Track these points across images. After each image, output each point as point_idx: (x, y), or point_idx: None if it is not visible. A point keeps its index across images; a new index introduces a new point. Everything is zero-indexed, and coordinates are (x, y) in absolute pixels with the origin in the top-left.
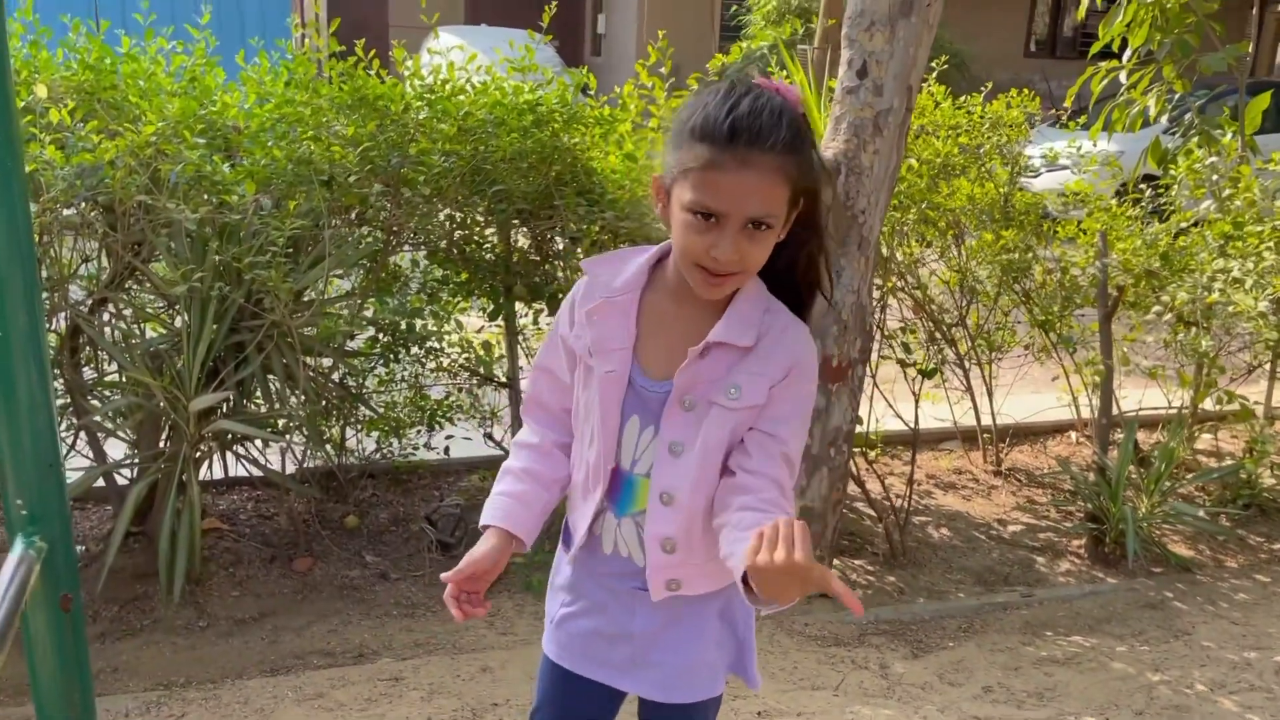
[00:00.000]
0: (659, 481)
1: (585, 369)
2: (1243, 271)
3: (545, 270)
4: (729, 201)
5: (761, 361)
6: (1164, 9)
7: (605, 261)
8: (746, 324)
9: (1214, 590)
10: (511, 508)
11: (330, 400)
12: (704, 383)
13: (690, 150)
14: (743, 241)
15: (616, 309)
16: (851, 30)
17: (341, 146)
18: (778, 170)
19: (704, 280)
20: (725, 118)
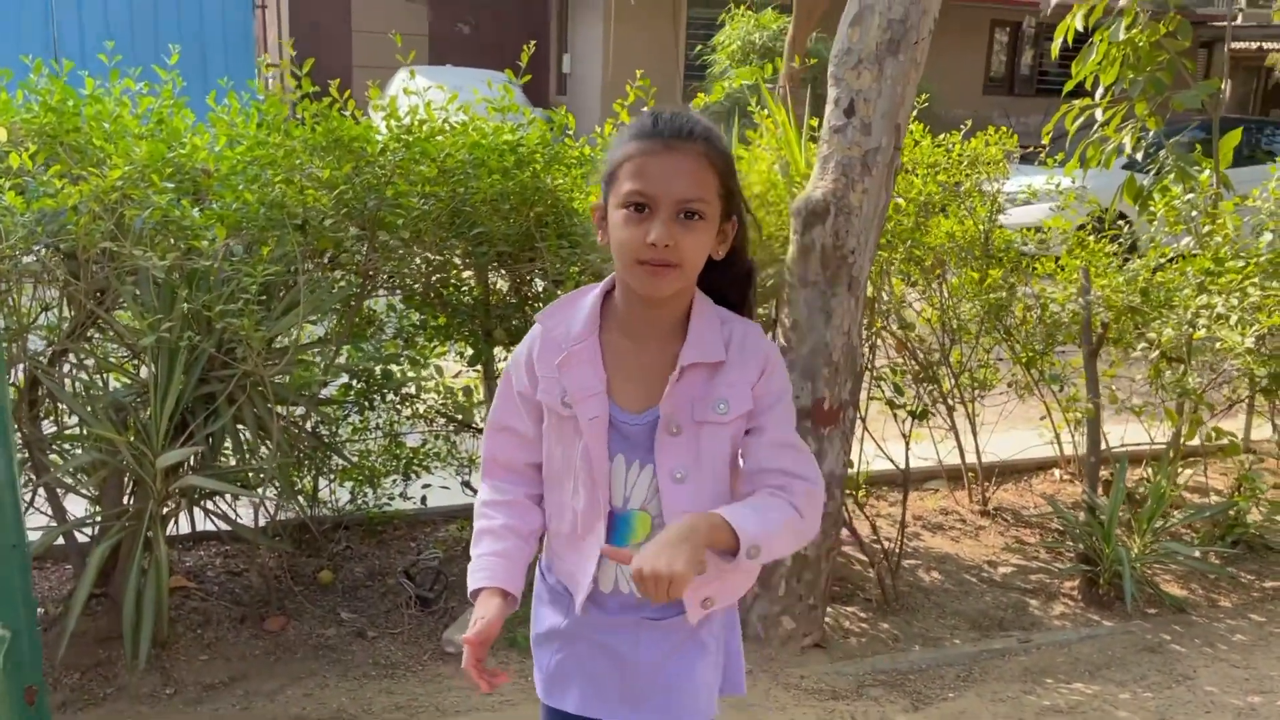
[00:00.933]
0: (674, 508)
1: (558, 420)
2: (1227, 307)
3: (525, 313)
4: (658, 183)
5: (737, 370)
6: (1136, 47)
7: (557, 311)
8: (711, 340)
9: (1211, 631)
10: (502, 567)
11: (303, 450)
12: (687, 404)
13: (621, 150)
14: (676, 229)
15: (582, 356)
16: (838, 69)
17: (315, 189)
18: (703, 156)
19: (645, 276)
20: (650, 116)
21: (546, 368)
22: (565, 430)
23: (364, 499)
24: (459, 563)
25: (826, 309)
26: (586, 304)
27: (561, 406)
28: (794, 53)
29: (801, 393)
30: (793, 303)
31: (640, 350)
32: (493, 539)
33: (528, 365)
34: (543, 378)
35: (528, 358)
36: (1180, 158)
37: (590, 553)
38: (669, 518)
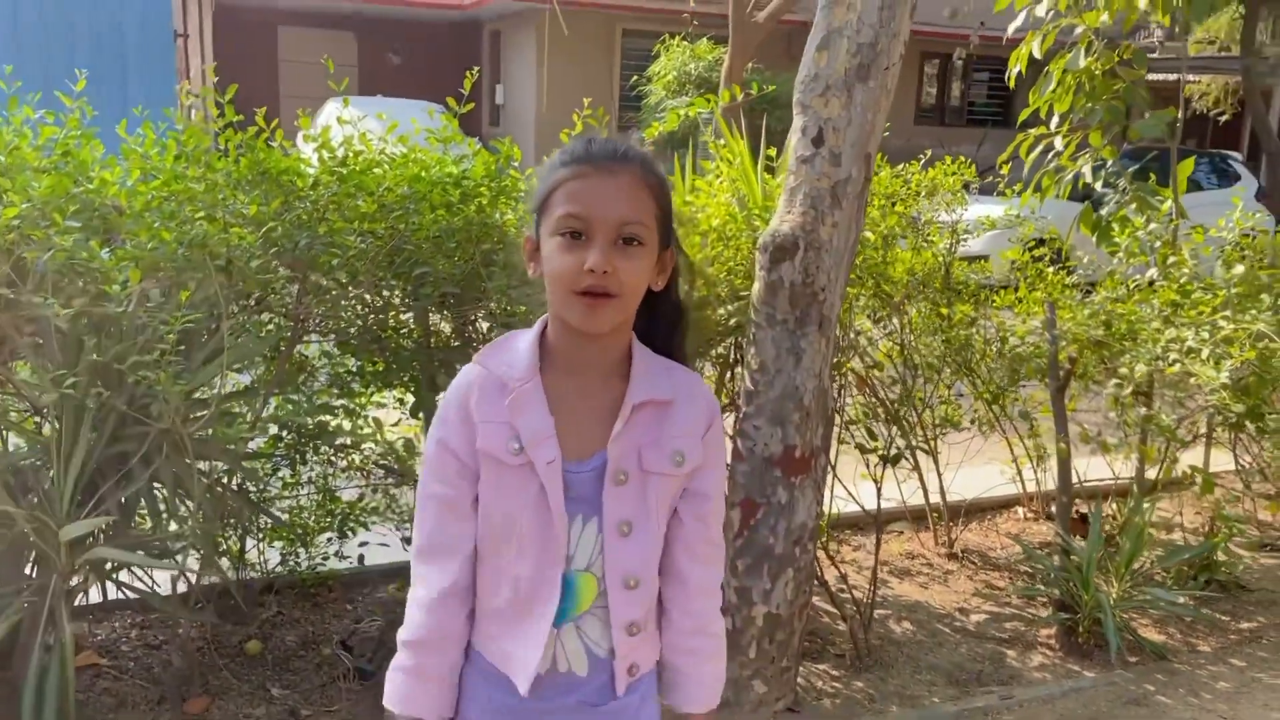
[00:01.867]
0: (618, 567)
1: (500, 472)
2: (1197, 341)
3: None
4: (595, 206)
5: (686, 418)
6: (1092, 76)
7: (495, 351)
8: (657, 378)
9: (1195, 680)
10: (435, 693)
11: (228, 509)
12: (634, 450)
13: (552, 176)
14: (615, 255)
15: (530, 397)
16: (805, 95)
17: (240, 227)
18: (641, 180)
19: (583, 307)
20: (580, 144)
21: (490, 411)
22: (509, 483)
23: (296, 559)
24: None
25: (796, 350)
26: (524, 345)
27: (508, 454)
28: (730, 84)
29: (770, 439)
30: (759, 343)
31: (582, 390)
32: (430, 652)
33: (461, 412)
34: (484, 423)
35: (461, 403)
36: (1140, 187)
37: (539, 627)
38: (610, 577)
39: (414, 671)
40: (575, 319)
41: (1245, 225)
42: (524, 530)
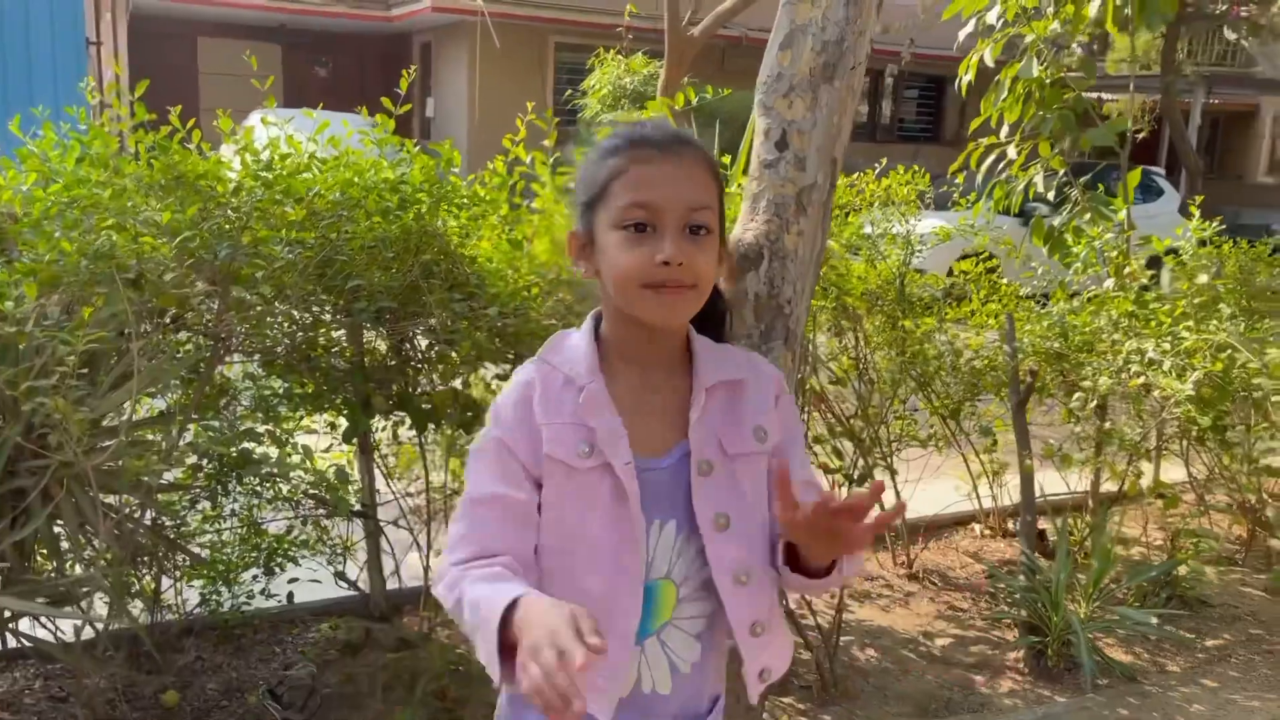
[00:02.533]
0: (724, 564)
1: (567, 477)
2: (1159, 352)
3: (409, 376)
4: (663, 191)
5: (757, 393)
6: (1043, 85)
7: (553, 348)
8: (721, 361)
9: (1167, 703)
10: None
11: (141, 546)
12: (713, 437)
13: (605, 165)
14: (686, 245)
15: (599, 395)
16: (768, 97)
17: (153, 237)
18: (704, 162)
19: (657, 301)
20: (635, 127)
21: (557, 413)
22: (577, 488)
23: (217, 599)
24: (335, 670)
25: None
26: (581, 343)
27: (577, 457)
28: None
29: None
30: None
31: (646, 386)
32: (491, 576)
33: (521, 413)
34: (549, 425)
35: (521, 404)
36: (1093, 198)
37: (618, 646)
38: (718, 576)
39: (474, 586)
40: (650, 314)
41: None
42: (595, 539)
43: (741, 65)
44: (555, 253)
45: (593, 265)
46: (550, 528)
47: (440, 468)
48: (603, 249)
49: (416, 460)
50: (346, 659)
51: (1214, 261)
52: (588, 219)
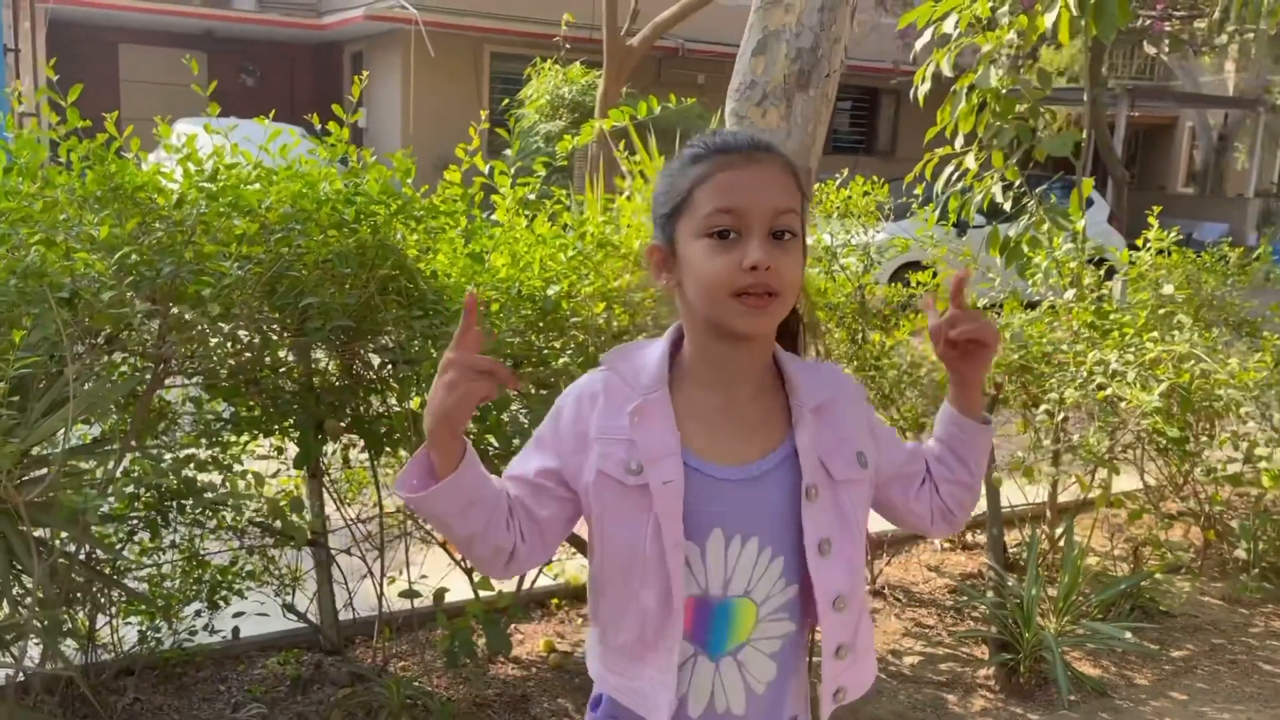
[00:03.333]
0: (825, 588)
1: (620, 494)
2: (1122, 363)
3: (362, 398)
4: (748, 196)
5: (853, 412)
6: (997, 96)
7: (623, 356)
8: (813, 376)
9: (1140, 718)
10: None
11: (73, 584)
12: (816, 460)
13: (687, 174)
14: (773, 251)
15: (655, 411)
16: (740, 105)
17: (88, 252)
18: (787, 167)
19: (744, 310)
20: (717, 136)
21: (611, 425)
22: (629, 506)
23: (157, 636)
24: (285, 708)
25: None
26: (654, 353)
27: (627, 474)
28: (606, 108)
29: None
30: None
31: (731, 404)
32: None
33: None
34: (601, 439)
35: (579, 413)
36: (1051, 208)
37: (667, 661)
38: (820, 600)
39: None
40: (737, 322)
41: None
42: (648, 555)
43: (679, 76)
44: (516, 267)
45: (674, 277)
46: (605, 545)
47: (393, 492)
48: (686, 259)
49: (368, 484)
50: (296, 696)
51: (1167, 271)
52: (668, 230)
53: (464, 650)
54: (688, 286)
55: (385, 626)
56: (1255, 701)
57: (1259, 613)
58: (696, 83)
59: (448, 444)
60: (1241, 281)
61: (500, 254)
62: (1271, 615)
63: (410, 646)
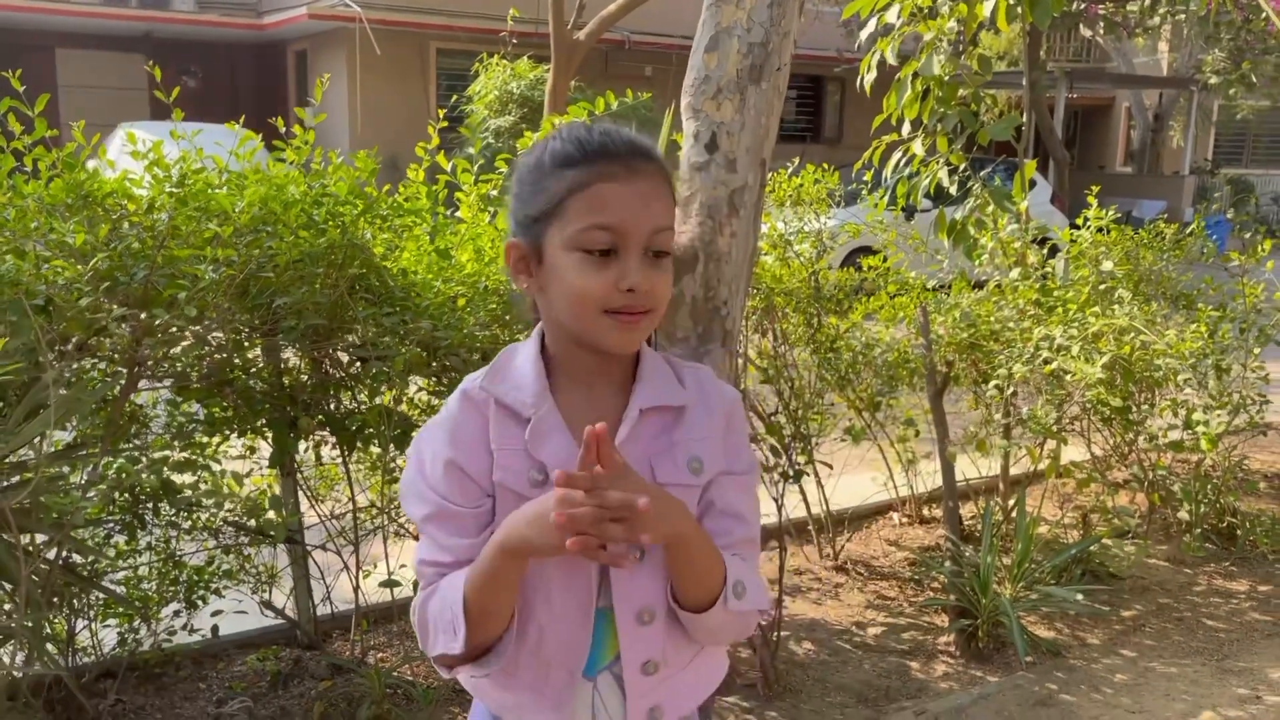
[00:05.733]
0: (628, 599)
1: (517, 503)
2: (1066, 338)
3: (331, 396)
4: (627, 213)
5: (701, 416)
6: (941, 83)
7: (497, 375)
8: (666, 382)
9: (1093, 675)
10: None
11: (56, 587)
12: (643, 462)
13: (562, 178)
14: (649, 269)
15: (550, 424)
16: (696, 99)
17: (62, 260)
18: (664, 177)
19: (616, 328)
20: (589, 133)
21: (507, 438)
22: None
23: (136, 638)
24: (267, 703)
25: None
26: (527, 363)
27: (531, 486)
28: (555, 102)
29: None
30: None
31: (592, 403)
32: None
33: (471, 435)
34: (500, 450)
35: (468, 425)
36: (995, 191)
37: (566, 680)
38: (628, 609)
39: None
40: (605, 340)
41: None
42: (545, 568)
43: (626, 68)
44: (481, 262)
45: (536, 281)
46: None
47: (365, 488)
48: (555, 268)
49: (339, 481)
50: (278, 690)
51: (1107, 249)
52: (534, 232)
53: None
54: (554, 295)
55: (363, 619)
56: (1200, 655)
57: (1202, 572)
58: (644, 74)
59: (514, 582)
60: (1177, 256)
61: (465, 250)
62: (1214, 574)
63: (388, 638)
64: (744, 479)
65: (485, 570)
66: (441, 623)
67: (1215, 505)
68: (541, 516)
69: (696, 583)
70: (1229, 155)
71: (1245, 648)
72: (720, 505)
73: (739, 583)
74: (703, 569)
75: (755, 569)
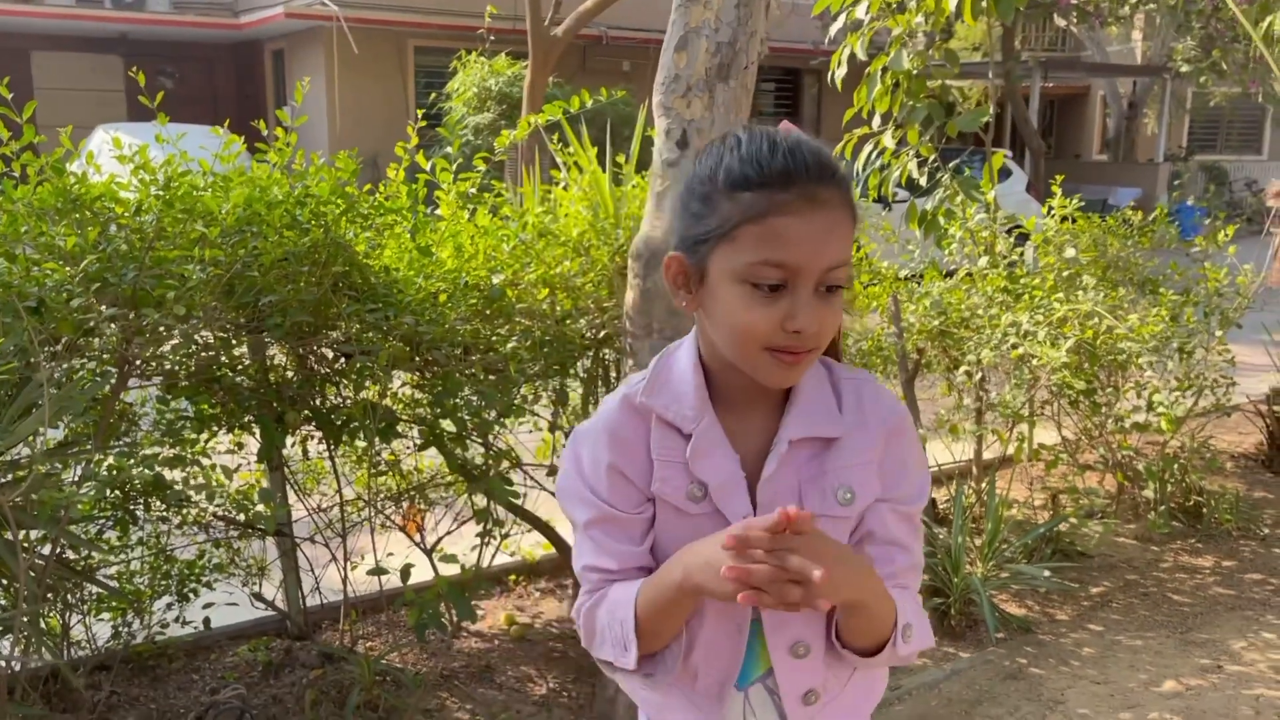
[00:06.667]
0: (781, 631)
1: (676, 518)
2: (1033, 324)
3: (316, 390)
4: (803, 252)
5: (856, 446)
6: (910, 76)
7: (655, 387)
8: (822, 405)
9: (1061, 649)
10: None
11: (52, 582)
12: (792, 491)
13: (738, 201)
14: (819, 307)
15: (712, 439)
16: (666, 98)
17: (52, 262)
18: (847, 207)
19: (776, 365)
20: (772, 154)
21: (669, 450)
22: (689, 529)
23: (129, 630)
24: (260, 691)
25: None
26: (686, 375)
27: (689, 501)
28: (533, 99)
29: None
30: (637, 354)
31: (745, 428)
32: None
33: (632, 444)
34: (661, 461)
35: (630, 434)
36: (963, 181)
37: (718, 693)
38: (774, 644)
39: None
40: (767, 377)
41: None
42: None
43: (604, 63)
44: (461, 259)
45: (696, 300)
46: (658, 560)
47: (351, 481)
48: (718, 295)
49: (326, 475)
50: (269, 680)
51: (1073, 236)
52: (700, 253)
53: (431, 621)
54: (715, 321)
55: (352, 610)
56: (1164, 629)
57: (1168, 549)
58: (622, 70)
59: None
60: (1143, 243)
61: (445, 247)
62: (1180, 551)
63: (376, 628)
64: (905, 509)
65: (659, 600)
66: (611, 635)
67: (1181, 485)
68: (712, 565)
69: (866, 635)
70: (1203, 142)
71: (1208, 620)
72: (881, 534)
73: (908, 626)
74: (877, 624)
75: (916, 598)
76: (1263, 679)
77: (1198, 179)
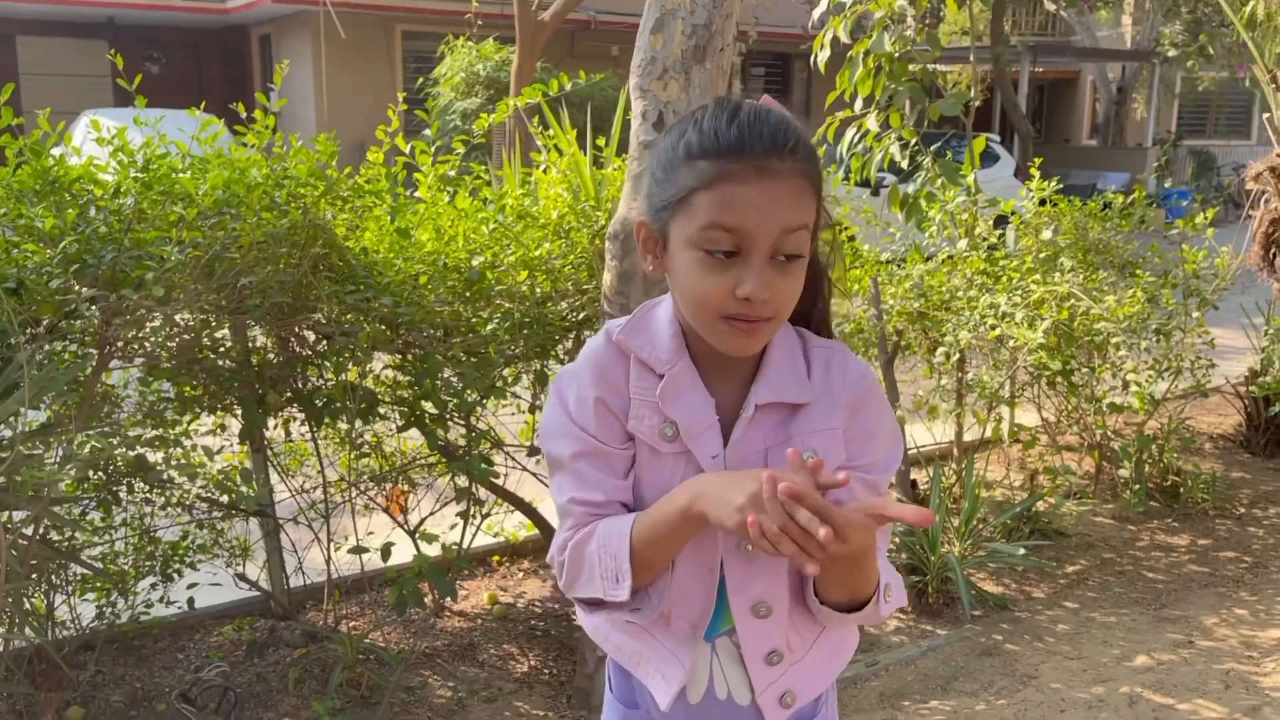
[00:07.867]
0: (743, 590)
1: (650, 457)
2: (1010, 305)
3: (299, 372)
4: (752, 217)
5: (823, 411)
6: (891, 60)
7: (634, 330)
8: (791, 371)
9: (1036, 626)
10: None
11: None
12: (759, 455)
13: (692, 169)
14: (773, 275)
15: (684, 381)
16: (643, 80)
17: (32, 244)
18: (803, 176)
19: (732, 334)
20: (729, 124)
21: (644, 389)
22: (661, 471)
23: (113, 610)
24: (244, 670)
25: None
26: (663, 323)
27: (661, 440)
28: (520, 83)
29: None
30: None
31: (715, 392)
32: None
33: (613, 380)
34: (637, 399)
35: (610, 370)
36: (944, 165)
37: (691, 635)
38: (743, 600)
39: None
40: (720, 343)
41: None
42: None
43: (592, 48)
44: (440, 241)
45: (662, 264)
46: (638, 503)
47: (333, 462)
48: (676, 262)
49: (309, 456)
50: (253, 659)
51: (1053, 219)
52: (663, 219)
53: (411, 599)
54: (677, 288)
55: (335, 590)
56: (1139, 605)
57: (1145, 528)
58: (610, 54)
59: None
60: (1123, 226)
61: (425, 229)
62: (1156, 530)
63: (360, 607)
64: (871, 479)
65: (661, 527)
66: (602, 568)
67: (1159, 465)
68: (724, 500)
69: (850, 593)
70: (1192, 127)
71: (1182, 597)
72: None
73: (888, 586)
74: (861, 582)
75: (888, 561)
76: (1233, 654)
77: (1186, 164)
